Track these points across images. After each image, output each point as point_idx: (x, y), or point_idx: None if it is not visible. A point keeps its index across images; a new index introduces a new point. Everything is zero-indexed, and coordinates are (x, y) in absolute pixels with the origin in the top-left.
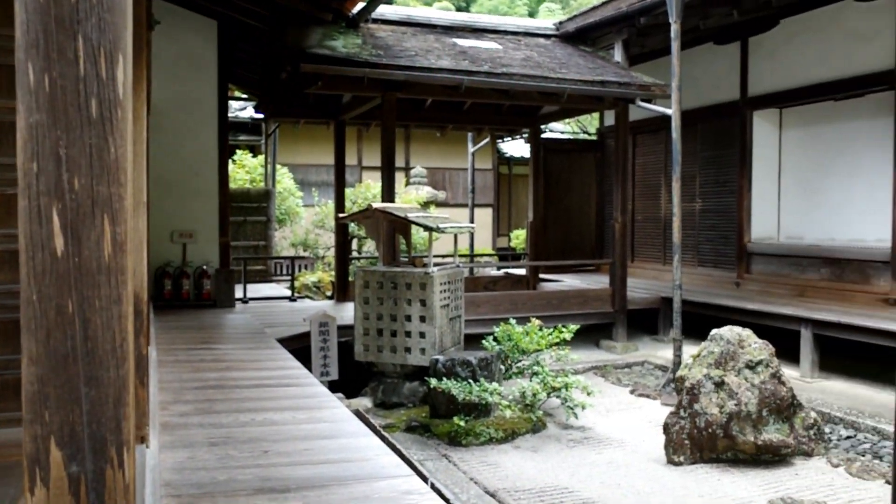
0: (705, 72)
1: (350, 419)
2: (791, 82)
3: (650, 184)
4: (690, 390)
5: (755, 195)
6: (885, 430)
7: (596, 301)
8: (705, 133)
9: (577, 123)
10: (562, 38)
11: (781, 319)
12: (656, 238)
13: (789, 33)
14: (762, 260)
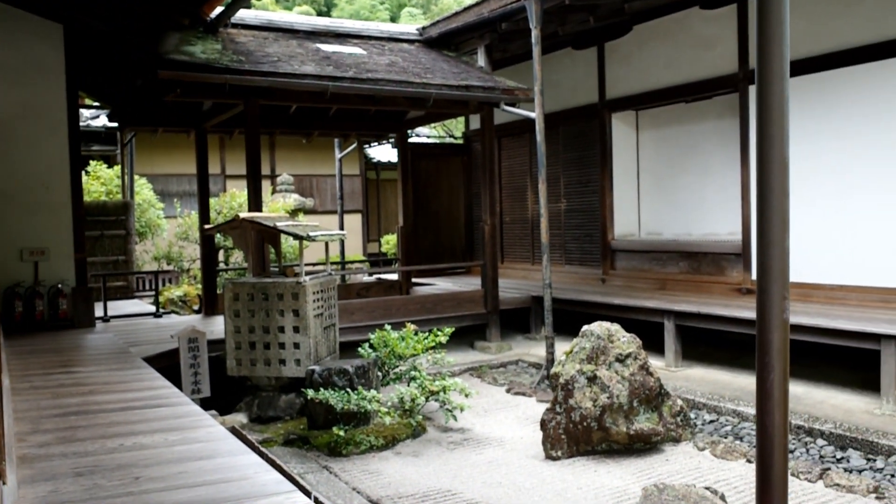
0: (565, 76)
1: (226, 437)
2: (645, 86)
3: (517, 185)
4: (565, 386)
5: (616, 194)
6: (744, 412)
7: (469, 303)
8: (567, 135)
9: (443, 127)
10: (425, 43)
11: (646, 312)
12: (525, 238)
13: (642, 39)
14: (625, 256)
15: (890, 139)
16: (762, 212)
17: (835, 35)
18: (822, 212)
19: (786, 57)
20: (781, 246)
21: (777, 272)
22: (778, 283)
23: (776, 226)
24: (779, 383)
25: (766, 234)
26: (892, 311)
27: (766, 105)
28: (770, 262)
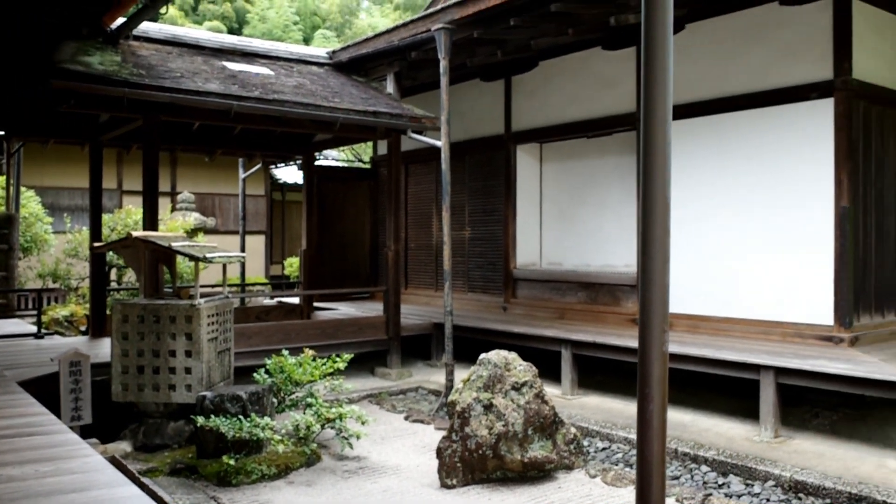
0: (473, 106)
1: (104, 468)
2: (549, 119)
3: (423, 212)
4: (461, 414)
5: (519, 224)
6: (635, 439)
7: (370, 329)
8: (473, 164)
9: (351, 151)
10: (335, 66)
11: (544, 341)
12: (429, 265)
13: (547, 75)
14: (527, 285)
15: (772, 181)
16: (644, 249)
17: (722, 82)
18: (714, 247)
19: (669, 102)
20: (662, 282)
21: (657, 307)
22: (658, 317)
23: (657, 263)
24: (658, 413)
25: (647, 270)
26: (771, 343)
27: (649, 148)
28: (651, 297)
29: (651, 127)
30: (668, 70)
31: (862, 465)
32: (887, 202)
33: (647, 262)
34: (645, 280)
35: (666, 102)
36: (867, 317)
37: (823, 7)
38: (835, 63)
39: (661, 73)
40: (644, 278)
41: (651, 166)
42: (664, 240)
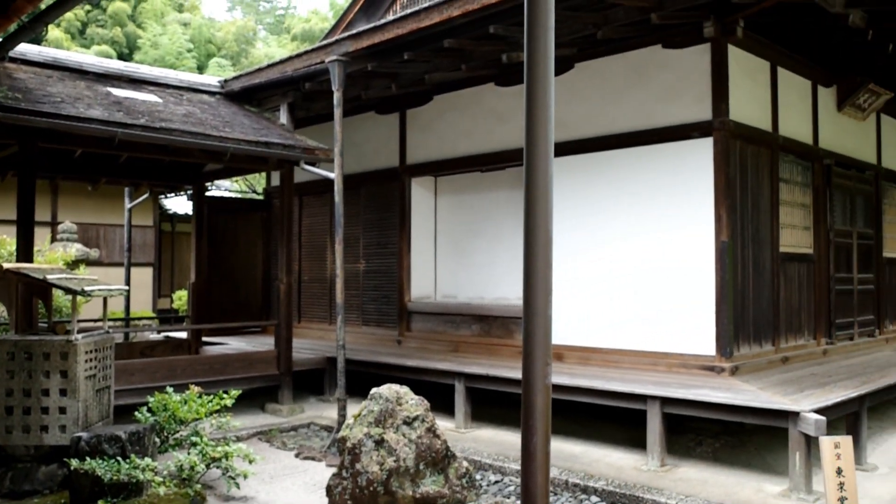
0: (369, 138)
1: None
2: (444, 153)
3: (317, 244)
4: (352, 450)
5: (414, 257)
6: None
7: (261, 364)
8: (369, 197)
9: (245, 182)
10: (227, 96)
11: (438, 374)
12: (323, 298)
13: (442, 109)
14: (421, 318)
15: (658, 216)
16: (527, 282)
17: (609, 121)
18: (604, 280)
19: (550, 139)
20: (545, 314)
21: (540, 339)
22: (541, 350)
23: (540, 296)
24: (541, 445)
25: (530, 303)
26: (659, 374)
27: (531, 182)
28: (534, 329)
29: (533, 162)
30: (549, 107)
31: (742, 490)
32: (763, 237)
33: (530, 294)
34: (528, 312)
35: (547, 138)
36: (746, 347)
37: (702, 51)
38: (713, 104)
39: (543, 110)
40: (527, 311)
41: (533, 201)
42: (546, 273)
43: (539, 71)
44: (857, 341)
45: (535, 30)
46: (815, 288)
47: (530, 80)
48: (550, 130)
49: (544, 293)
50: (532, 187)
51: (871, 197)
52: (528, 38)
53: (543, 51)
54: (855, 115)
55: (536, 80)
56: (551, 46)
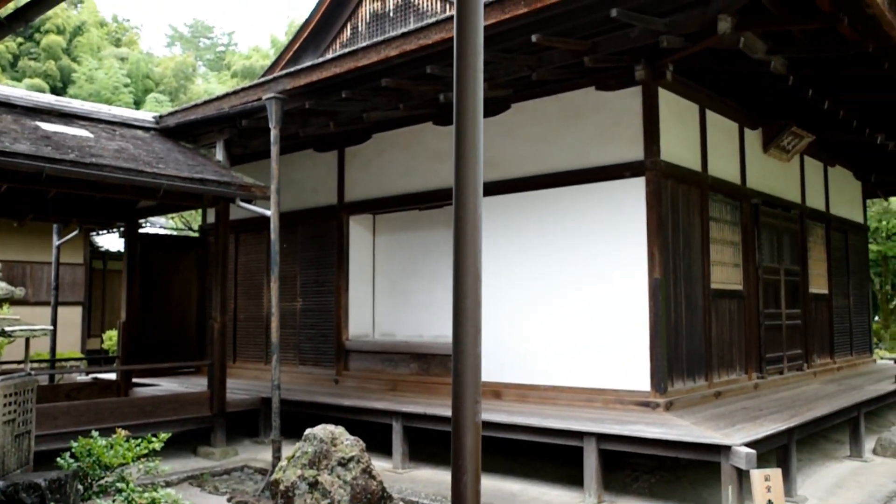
0: (307, 176)
1: None
2: (382, 191)
3: (254, 283)
4: (285, 493)
5: (352, 295)
6: None
7: (193, 405)
8: (306, 234)
9: (181, 219)
10: (162, 132)
11: (375, 414)
12: (259, 337)
13: (380, 147)
14: (359, 357)
15: (594, 253)
16: (457, 320)
17: (545, 160)
18: (542, 317)
19: (479, 178)
20: (474, 354)
21: (470, 378)
22: (471, 389)
23: (469, 334)
24: (471, 485)
25: (460, 342)
26: (595, 410)
27: (460, 222)
28: (464, 368)
29: (462, 202)
30: (478, 149)
31: None
32: (695, 274)
33: (460, 333)
34: (457, 351)
35: (476, 179)
36: (680, 382)
37: (634, 94)
38: (645, 145)
39: (472, 151)
40: (456, 350)
41: (462, 241)
42: (475, 312)
43: (468, 113)
44: (787, 375)
45: (465, 72)
46: (745, 323)
47: (459, 122)
48: (479, 172)
49: (473, 332)
50: (461, 227)
51: (796, 235)
52: (457, 81)
53: (473, 93)
54: (780, 157)
55: (466, 121)
56: (480, 89)
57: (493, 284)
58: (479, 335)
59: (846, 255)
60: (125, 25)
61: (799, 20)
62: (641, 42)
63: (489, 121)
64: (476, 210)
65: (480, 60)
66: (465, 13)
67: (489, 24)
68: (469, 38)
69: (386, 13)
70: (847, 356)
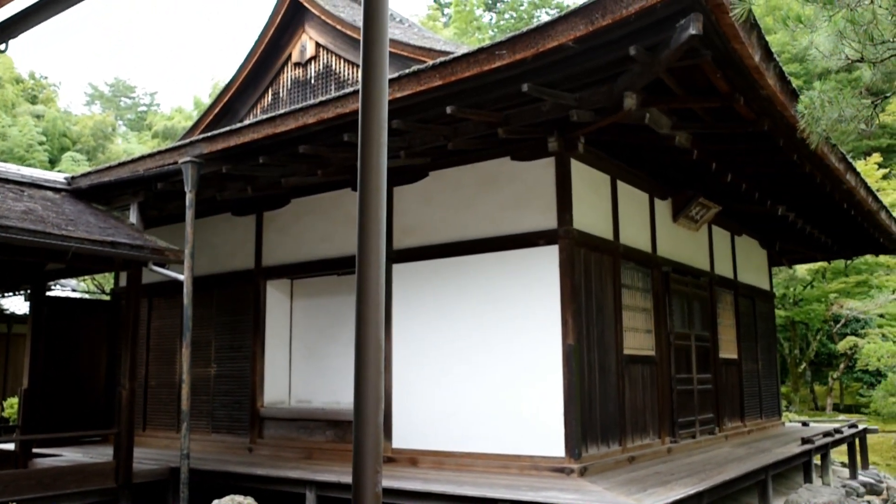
0: (224, 240)
1: None
2: (300, 256)
3: (166, 348)
4: None
5: (268, 361)
6: None
7: (98, 476)
8: (222, 299)
9: (93, 281)
10: (74, 193)
11: (289, 483)
12: (171, 405)
13: (299, 212)
14: (274, 424)
15: (508, 320)
16: (358, 389)
17: (463, 227)
18: (458, 384)
19: (381, 246)
20: (375, 423)
21: (370, 447)
22: (371, 458)
23: (370, 403)
24: None
25: (360, 411)
26: (511, 477)
27: (362, 289)
28: (364, 437)
29: (364, 269)
30: (380, 220)
31: None
32: (607, 340)
33: (361, 401)
34: (358, 421)
35: (378, 246)
36: (594, 447)
37: (547, 164)
38: (558, 214)
39: (375, 223)
40: (357, 419)
41: (364, 308)
42: (377, 381)
43: (371, 184)
44: (699, 439)
45: (369, 146)
46: (657, 388)
47: (363, 192)
48: (381, 241)
49: (375, 400)
50: (363, 295)
51: (706, 301)
52: (361, 151)
53: (376, 165)
54: (689, 226)
55: (369, 192)
56: (383, 160)
57: (412, 351)
58: (380, 403)
59: (754, 321)
60: (42, 82)
61: (699, 99)
62: (553, 115)
63: (408, 188)
64: (378, 278)
65: (384, 132)
66: (370, 88)
67: (405, 94)
68: (373, 112)
69: (307, 80)
70: (757, 419)
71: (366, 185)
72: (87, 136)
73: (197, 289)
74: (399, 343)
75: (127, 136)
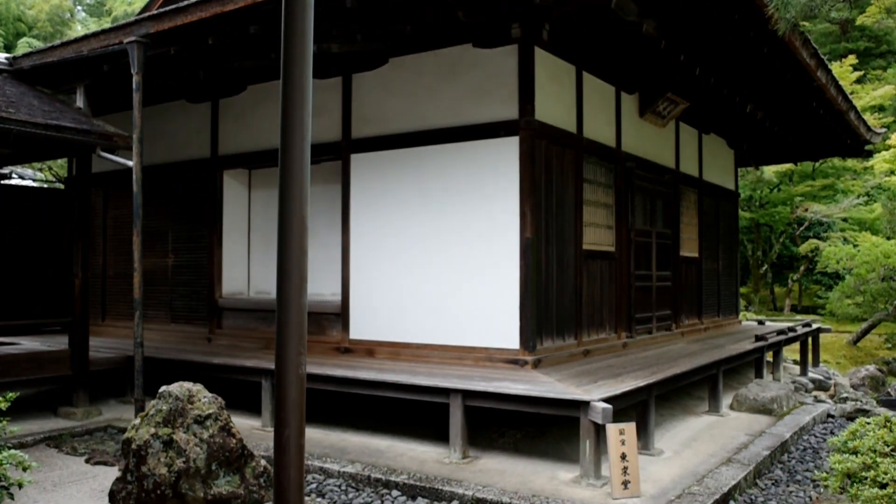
0: (180, 128)
1: None
2: (258, 145)
3: (124, 238)
4: (137, 452)
5: (226, 251)
6: (330, 468)
7: (52, 364)
8: (179, 188)
9: (50, 172)
10: (16, 74)
11: (246, 372)
12: (129, 295)
13: (256, 99)
14: (233, 315)
15: (467, 212)
16: (281, 268)
17: (423, 117)
18: (414, 276)
19: (307, 118)
20: (298, 304)
21: (294, 329)
22: (295, 340)
23: (294, 283)
24: (294, 438)
25: (284, 291)
26: (466, 368)
27: (286, 164)
28: (288, 318)
29: (288, 145)
30: (306, 90)
31: (537, 478)
32: (567, 235)
33: (284, 282)
34: (281, 301)
35: (304, 118)
36: (550, 341)
37: (510, 52)
38: (520, 104)
39: (300, 91)
40: (280, 299)
41: (287, 182)
42: (301, 260)
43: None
44: (655, 335)
45: (293, 24)
46: (616, 284)
47: (287, 70)
48: (308, 109)
49: (298, 281)
50: (287, 169)
51: (669, 199)
52: (285, 32)
53: (301, 45)
54: (655, 122)
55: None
56: (310, 42)
57: (370, 242)
58: (304, 284)
59: (717, 221)
60: None
61: None
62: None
63: (366, 75)
64: (303, 151)
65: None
66: None
67: None
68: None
69: None
70: (714, 317)
71: (289, 63)
72: (43, 21)
73: (153, 178)
74: (357, 235)
75: (86, 23)
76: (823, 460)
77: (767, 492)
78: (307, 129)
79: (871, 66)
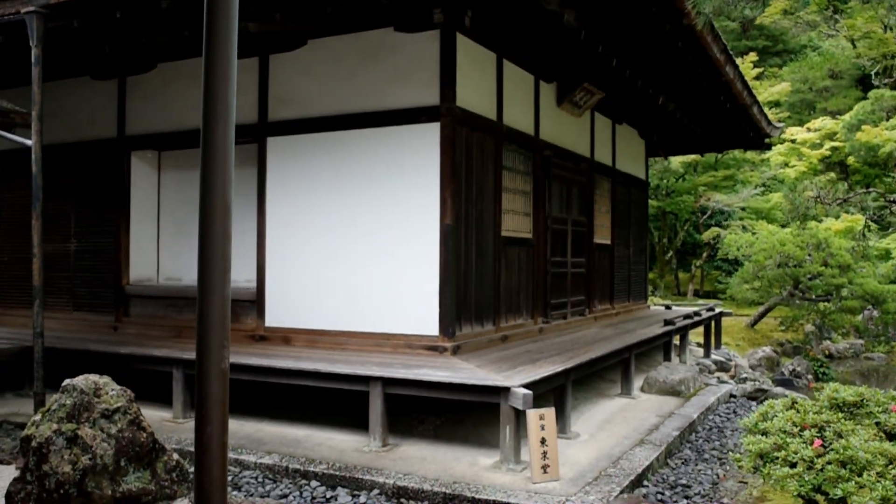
0: (83, 105)
1: None
2: (169, 126)
3: (19, 222)
4: (38, 450)
5: (134, 236)
6: (245, 460)
7: None
8: (83, 170)
9: None
10: None
11: (155, 362)
12: (26, 281)
13: (167, 78)
14: (141, 302)
15: (386, 198)
16: (203, 256)
17: (343, 100)
18: (332, 262)
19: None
20: (222, 293)
21: (216, 320)
22: (217, 331)
23: (217, 273)
24: (217, 435)
25: (205, 279)
26: (384, 355)
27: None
28: (209, 308)
29: (211, 127)
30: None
31: (458, 465)
32: (486, 222)
33: (206, 269)
34: (203, 289)
35: (228, 101)
36: (469, 327)
37: (432, 37)
38: (441, 90)
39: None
40: (202, 287)
41: (210, 167)
42: (224, 246)
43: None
44: (570, 320)
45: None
46: (533, 271)
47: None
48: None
49: (221, 270)
50: (209, 154)
51: (585, 187)
52: (208, 8)
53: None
54: (572, 112)
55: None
56: (234, 20)
57: (287, 228)
58: (227, 273)
59: (629, 209)
60: None
61: None
62: None
63: (285, 56)
64: (227, 136)
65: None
66: None
67: None
68: None
69: None
70: (625, 302)
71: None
72: None
73: (53, 158)
74: (273, 220)
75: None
76: (728, 439)
77: (678, 471)
78: (231, 111)
79: (769, 63)
